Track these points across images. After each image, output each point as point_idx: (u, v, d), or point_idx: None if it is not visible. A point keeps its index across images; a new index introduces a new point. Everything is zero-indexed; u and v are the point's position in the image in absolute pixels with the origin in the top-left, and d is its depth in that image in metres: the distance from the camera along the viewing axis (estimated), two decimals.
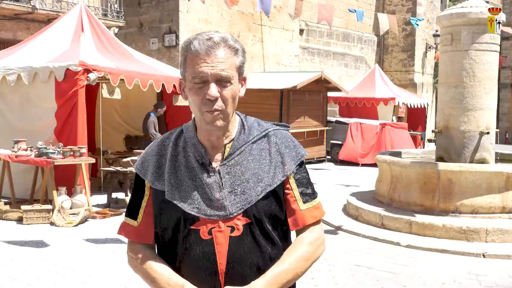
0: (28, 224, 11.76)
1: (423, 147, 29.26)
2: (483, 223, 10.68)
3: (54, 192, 12.41)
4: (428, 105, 32.67)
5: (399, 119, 29.24)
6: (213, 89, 2.59)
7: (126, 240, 2.96)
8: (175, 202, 2.68)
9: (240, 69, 2.71)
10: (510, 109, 49.83)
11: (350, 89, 29.27)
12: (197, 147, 2.74)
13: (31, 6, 21.08)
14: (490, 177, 11.18)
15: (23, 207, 12.06)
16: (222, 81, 2.62)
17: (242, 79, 2.78)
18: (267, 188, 2.70)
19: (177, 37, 24.78)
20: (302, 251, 2.73)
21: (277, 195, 2.75)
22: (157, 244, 2.88)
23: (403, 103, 29.21)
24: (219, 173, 2.70)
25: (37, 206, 12.11)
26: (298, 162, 2.81)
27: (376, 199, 13.03)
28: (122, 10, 24.48)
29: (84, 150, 13.13)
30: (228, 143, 2.75)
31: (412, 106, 30.17)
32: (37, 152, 12.60)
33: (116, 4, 24.37)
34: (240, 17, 27.19)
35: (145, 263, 2.77)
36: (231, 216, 2.65)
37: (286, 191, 2.79)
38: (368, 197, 13.35)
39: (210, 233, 2.65)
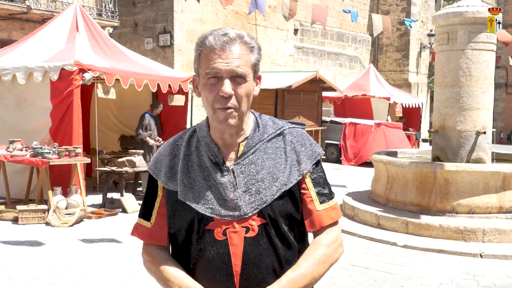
0: (24, 224, 11.72)
1: (418, 147, 29.27)
2: (480, 223, 10.67)
3: (50, 192, 12.38)
4: (422, 105, 32.70)
5: (401, 119, 29.26)
6: (227, 86, 2.53)
7: (121, 240, 2.94)
8: (188, 202, 2.64)
9: (255, 67, 2.65)
10: (505, 109, 49.99)
11: (345, 89, 29.29)
12: (210, 146, 2.69)
13: (26, 6, 21.03)
14: (487, 177, 11.17)
15: (19, 207, 12.02)
16: (237, 78, 2.56)
17: (257, 78, 2.72)
18: (282, 187, 2.63)
19: (171, 37, 24.76)
20: (319, 254, 2.66)
21: (293, 195, 2.68)
22: (171, 245, 2.83)
23: (400, 103, 29.24)
24: (233, 172, 2.64)
25: (32, 206, 12.07)
26: (315, 161, 2.75)
27: (372, 199, 13.02)
28: (117, 10, 24.46)
29: (80, 150, 13.09)
30: (242, 141, 2.70)
31: (407, 106, 30.18)
32: (32, 152, 12.56)
33: (110, 4, 24.35)
34: (235, 17, 27.17)
35: (158, 266, 2.72)
36: (246, 216, 2.60)
37: (302, 191, 2.72)
38: (364, 197, 13.34)
39: (224, 233, 2.60)
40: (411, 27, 23.42)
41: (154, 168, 2.80)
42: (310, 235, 2.83)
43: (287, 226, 2.67)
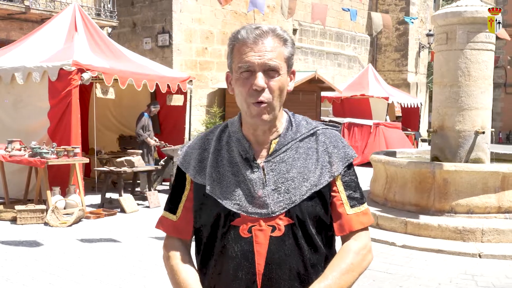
0: (22, 224, 11.72)
1: (417, 147, 29.25)
2: (479, 223, 10.66)
3: (48, 192, 12.37)
4: (421, 104, 32.69)
5: (398, 118, 29.25)
6: (260, 79, 2.50)
7: (120, 240, 2.92)
8: (215, 197, 2.60)
9: (289, 61, 2.61)
10: (504, 109, 50.01)
11: (344, 89, 29.29)
12: (241, 141, 2.66)
13: (24, 6, 21.02)
14: (486, 177, 11.15)
15: (17, 207, 12.01)
16: (270, 71, 2.52)
17: (291, 73, 2.67)
18: (312, 188, 2.58)
19: (170, 36, 24.72)
20: (346, 263, 2.57)
21: (323, 197, 2.62)
22: (196, 241, 2.79)
23: (398, 103, 29.24)
24: (263, 170, 2.60)
25: (31, 206, 12.06)
26: (347, 164, 2.69)
27: (370, 199, 13.00)
28: (116, 10, 24.43)
29: (78, 150, 13.09)
30: (274, 139, 2.65)
31: (406, 106, 30.18)
32: (30, 152, 12.56)
33: (109, 4, 24.32)
34: (234, 17, 27.14)
35: (172, 263, 2.72)
36: (273, 215, 2.55)
37: (332, 193, 2.66)
38: None
39: (250, 231, 2.56)
40: (412, 22, 23.37)
41: (183, 161, 2.76)
42: (337, 242, 2.77)
43: (315, 228, 2.61)
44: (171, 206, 2.82)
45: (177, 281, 2.64)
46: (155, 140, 16.36)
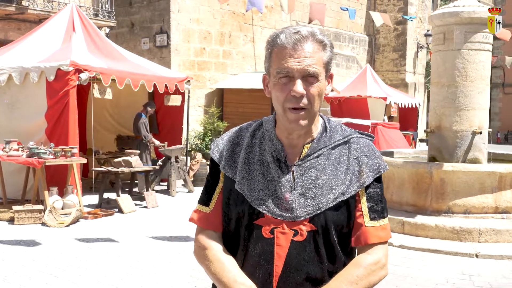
0: (20, 224, 11.72)
1: (415, 147, 29.24)
2: (476, 223, 10.67)
3: (46, 192, 12.36)
4: (419, 105, 32.68)
5: (390, 118, 29.22)
6: (299, 86, 2.47)
7: (118, 240, 2.90)
8: (243, 193, 2.60)
9: (327, 65, 2.58)
10: (502, 109, 50.07)
11: (342, 89, 29.27)
12: (274, 142, 2.64)
13: (22, 6, 21.01)
14: (483, 177, 11.15)
15: (15, 207, 12.01)
16: (309, 78, 2.49)
17: (329, 77, 2.64)
18: (340, 197, 2.56)
19: (168, 37, 24.70)
20: (351, 274, 2.54)
21: (349, 207, 2.60)
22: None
23: (395, 103, 29.23)
24: (293, 173, 2.58)
25: (28, 207, 12.06)
26: (377, 175, 2.65)
27: None
28: (113, 10, 24.43)
29: (76, 150, 13.09)
30: (307, 143, 2.63)
31: (404, 106, 30.17)
32: (28, 152, 12.55)
33: (107, 4, 24.32)
34: (232, 17, 27.14)
35: (213, 254, 2.67)
36: (298, 219, 2.53)
37: (356, 204, 2.63)
38: None
39: (272, 232, 2.55)
40: (411, 20, 23.33)
41: (217, 153, 2.76)
42: None
43: (337, 238, 2.59)
44: (204, 199, 2.80)
45: (220, 269, 2.60)
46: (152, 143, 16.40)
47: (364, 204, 2.63)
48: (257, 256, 2.57)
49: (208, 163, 3.33)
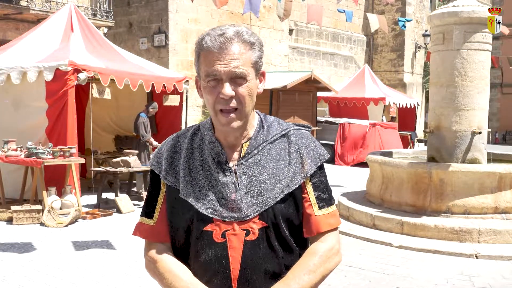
0: (18, 224, 11.70)
1: (413, 147, 29.27)
2: (476, 224, 10.66)
3: (44, 192, 12.35)
4: (418, 105, 32.70)
5: (392, 119, 29.26)
6: (227, 88, 2.47)
7: (116, 240, 2.86)
8: (189, 200, 2.57)
9: (256, 64, 2.56)
10: (500, 109, 50.12)
11: (340, 89, 29.29)
12: (213, 144, 2.62)
13: (20, 6, 20.99)
14: (483, 177, 11.15)
15: (13, 207, 11.99)
16: (237, 79, 2.49)
17: (261, 75, 2.64)
18: (285, 189, 2.56)
19: (166, 37, 24.74)
20: (308, 263, 2.56)
21: (295, 198, 2.60)
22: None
23: (393, 103, 29.25)
24: (236, 173, 2.58)
25: (27, 207, 12.04)
26: (319, 164, 2.66)
27: (367, 199, 13.00)
28: (112, 10, 24.44)
29: (74, 150, 13.07)
30: (245, 141, 2.63)
31: (402, 106, 30.19)
32: (27, 152, 12.53)
33: (105, 4, 24.32)
34: (230, 17, 27.14)
35: (163, 266, 2.61)
36: (247, 218, 2.52)
37: (302, 195, 2.63)
38: (359, 197, 13.32)
39: (223, 236, 2.53)
40: (404, 27, 23.34)
41: (155, 163, 2.73)
42: None
43: (288, 230, 2.59)
44: (147, 211, 2.76)
45: (173, 280, 2.55)
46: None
47: (311, 194, 2.65)
48: (212, 262, 2.54)
49: None
